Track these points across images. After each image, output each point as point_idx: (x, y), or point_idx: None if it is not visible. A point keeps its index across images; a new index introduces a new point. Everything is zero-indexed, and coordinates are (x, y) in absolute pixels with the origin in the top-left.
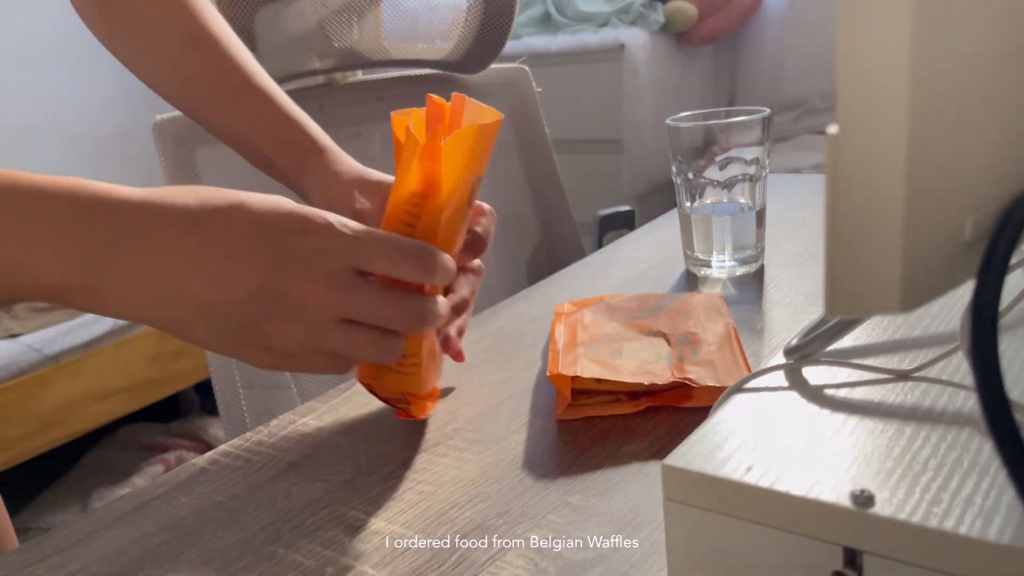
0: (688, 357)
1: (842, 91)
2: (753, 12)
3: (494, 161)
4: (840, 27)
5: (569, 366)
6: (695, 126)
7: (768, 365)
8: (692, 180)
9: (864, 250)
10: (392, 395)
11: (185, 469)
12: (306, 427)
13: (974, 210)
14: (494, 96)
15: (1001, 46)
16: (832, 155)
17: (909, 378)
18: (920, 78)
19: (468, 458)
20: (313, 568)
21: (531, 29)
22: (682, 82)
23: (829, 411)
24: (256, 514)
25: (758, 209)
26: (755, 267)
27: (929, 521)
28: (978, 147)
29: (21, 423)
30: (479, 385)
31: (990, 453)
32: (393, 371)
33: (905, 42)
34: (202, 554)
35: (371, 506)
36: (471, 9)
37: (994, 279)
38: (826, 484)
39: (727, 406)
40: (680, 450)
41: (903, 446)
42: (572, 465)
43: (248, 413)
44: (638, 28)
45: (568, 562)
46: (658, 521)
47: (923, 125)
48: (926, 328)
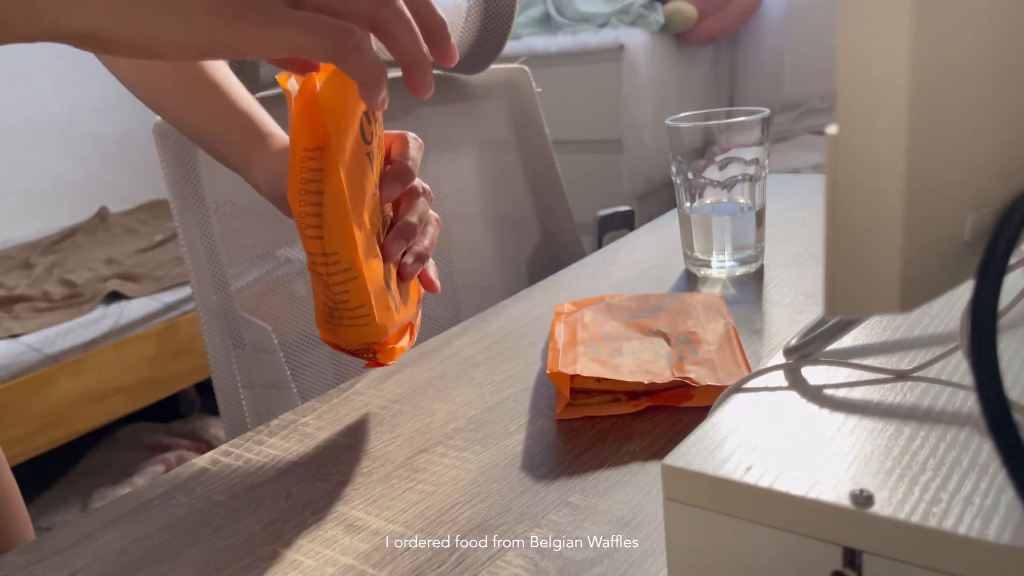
0: (688, 356)
1: (842, 91)
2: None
3: (494, 161)
4: (840, 27)
5: (569, 365)
6: (695, 126)
7: (768, 365)
8: (692, 180)
9: (864, 250)
10: (356, 348)
11: (185, 469)
12: (306, 427)
13: (974, 210)
14: (494, 96)
15: (1001, 46)
16: (832, 155)
17: (909, 378)
18: (920, 78)
19: (468, 458)
20: (313, 568)
21: (531, 29)
22: (682, 82)
23: (829, 411)
24: (256, 514)
25: (758, 209)
26: (755, 267)
27: (928, 521)
28: (978, 147)
29: (21, 423)
30: (479, 385)
31: (989, 453)
32: (348, 326)
33: (905, 42)
34: (202, 554)
35: (371, 506)
36: (471, 9)
37: (993, 279)
38: (825, 484)
39: (727, 406)
40: (680, 450)
41: (902, 446)
42: (572, 465)
43: (248, 413)
44: (638, 28)
45: (568, 562)
46: (658, 521)
47: (923, 125)
48: (926, 328)
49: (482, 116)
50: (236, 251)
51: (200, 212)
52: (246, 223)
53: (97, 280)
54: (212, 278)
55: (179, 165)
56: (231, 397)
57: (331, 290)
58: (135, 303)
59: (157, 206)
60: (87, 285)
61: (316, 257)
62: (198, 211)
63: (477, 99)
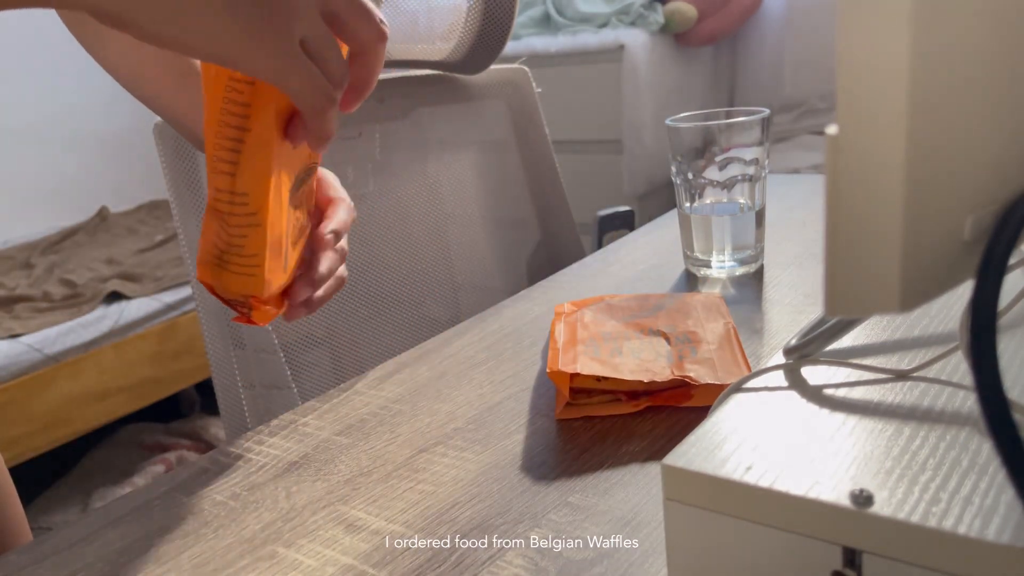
0: (688, 356)
1: (842, 91)
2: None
3: (495, 161)
4: (840, 27)
5: (569, 364)
6: (695, 126)
7: (768, 365)
8: (692, 180)
9: (864, 250)
10: (233, 297)
11: (185, 469)
12: (306, 427)
13: (974, 210)
14: (494, 96)
15: (1001, 46)
16: (832, 155)
17: (908, 378)
18: (920, 78)
19: (468, 458)
20: (313, 568)
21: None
22: (682, 82)
23: (828, 411)
24: (256, 514)
25: (758, 209)
26: (755, 267)
27: (928, 521)
28: (978, 147)
29: (22, 423)
30: (479, 385)
31: (989, 453)
32: (234, 272)
33: (905, 42)
34: (202, 554)
35: (371, 506)
36: (471, 10)
37: (993, 279)
38: (825, 484)
39: (727, 406)
40: (680, 449)
41: (902, 446)
42: (572, 465)
43: (248, 413)
44: (638, 29)
45: (568, 562)
46: (658, 521)
47: (923, 125)
48: (926, 328)
49: (482, 116)
50: None
51: (200, 212)
52: None
53: (97, 280)
54: None
55: (179, 165)
56: (231, 397)
57: (228, 231)
58: (135, 303)
59: (157, 206)
60: (87, 285)
61: (222, 194)
62: (198, 211)
63: (477, 99)
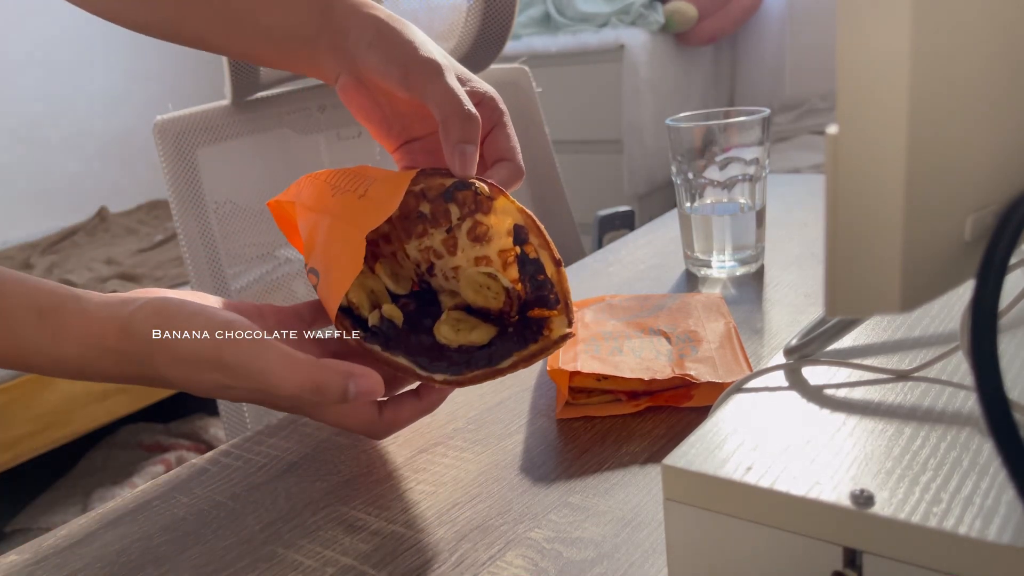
0: (688, 354)
1: (842, 91)
2: (753, 12)
3: None
4: (840, 27)
5: (569, 362)
6: (695, 126)
7: (768, 365)
8: (692, 180)
9: (864, 250)
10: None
11: (185, 469)
12: (306, 427)
13: (974, 210)
14: None
15: (1001, 46)
16: (832, 155)
17: (909, 378)
18: (920, 78)
19: (468, 458)
20: (313, 568)
21: (531, 29)
22: (682, 82)
23: (829, 411)
24: (256, 514)
25: (758, 209)
26: (755, 267)
27: (929, 521)
28: (978, 147)
29: (22, 423)
30: (479, 385)
31: (990, 453)
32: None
33: (905, 42)
34: (202, 554)
35: (371, 506)
36: (471, 9)
37: (994, 279)
38: (826, 484)
39: (727, 406)
40: (680, 450)
41: (903, 446)
42: (572, 465)
43: (248, 413)
44: (638, 28)
45: (568, 562)
46: (658, 521)
47: (923, 125)
48: (926, 328)
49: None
50: (236, 251)
51: (200, 212)
52: (246, 223)
53: (97, 280)
54: (212, 278)
55: (179, 165)
56: None
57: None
58: None
59: (157, 206)
60: (87, 285)
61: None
62: (198, 211)
63: None
